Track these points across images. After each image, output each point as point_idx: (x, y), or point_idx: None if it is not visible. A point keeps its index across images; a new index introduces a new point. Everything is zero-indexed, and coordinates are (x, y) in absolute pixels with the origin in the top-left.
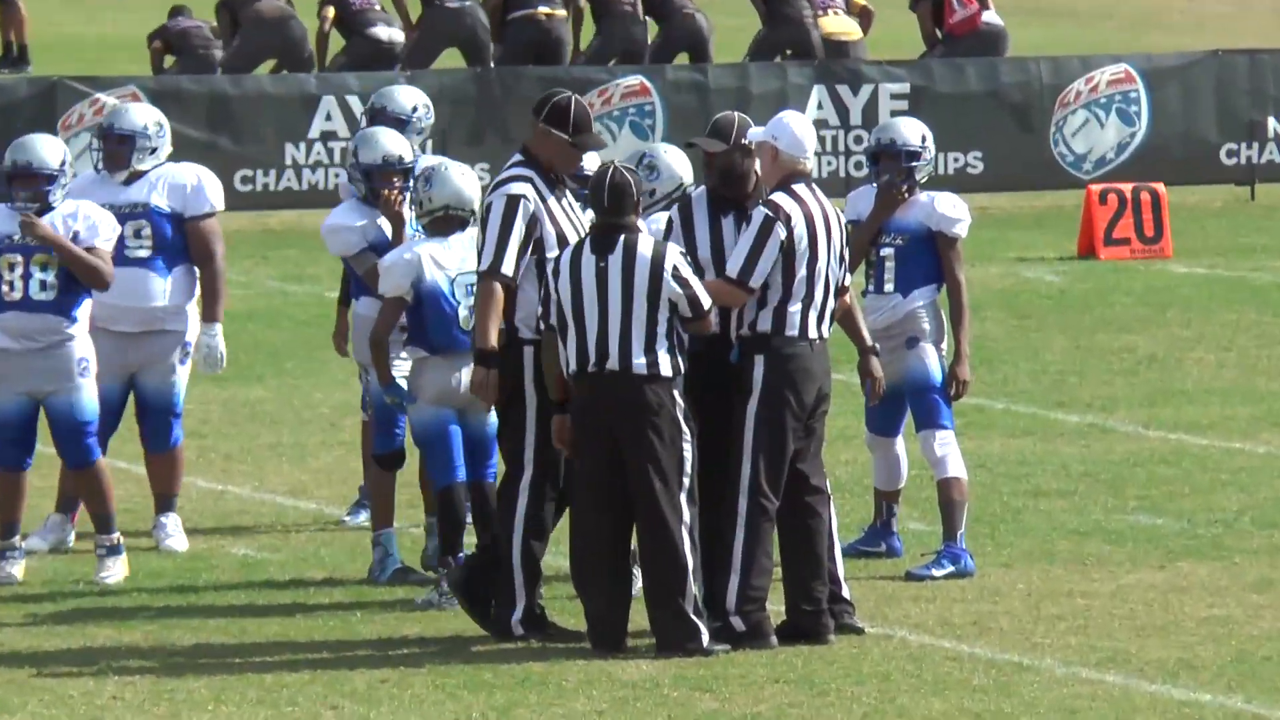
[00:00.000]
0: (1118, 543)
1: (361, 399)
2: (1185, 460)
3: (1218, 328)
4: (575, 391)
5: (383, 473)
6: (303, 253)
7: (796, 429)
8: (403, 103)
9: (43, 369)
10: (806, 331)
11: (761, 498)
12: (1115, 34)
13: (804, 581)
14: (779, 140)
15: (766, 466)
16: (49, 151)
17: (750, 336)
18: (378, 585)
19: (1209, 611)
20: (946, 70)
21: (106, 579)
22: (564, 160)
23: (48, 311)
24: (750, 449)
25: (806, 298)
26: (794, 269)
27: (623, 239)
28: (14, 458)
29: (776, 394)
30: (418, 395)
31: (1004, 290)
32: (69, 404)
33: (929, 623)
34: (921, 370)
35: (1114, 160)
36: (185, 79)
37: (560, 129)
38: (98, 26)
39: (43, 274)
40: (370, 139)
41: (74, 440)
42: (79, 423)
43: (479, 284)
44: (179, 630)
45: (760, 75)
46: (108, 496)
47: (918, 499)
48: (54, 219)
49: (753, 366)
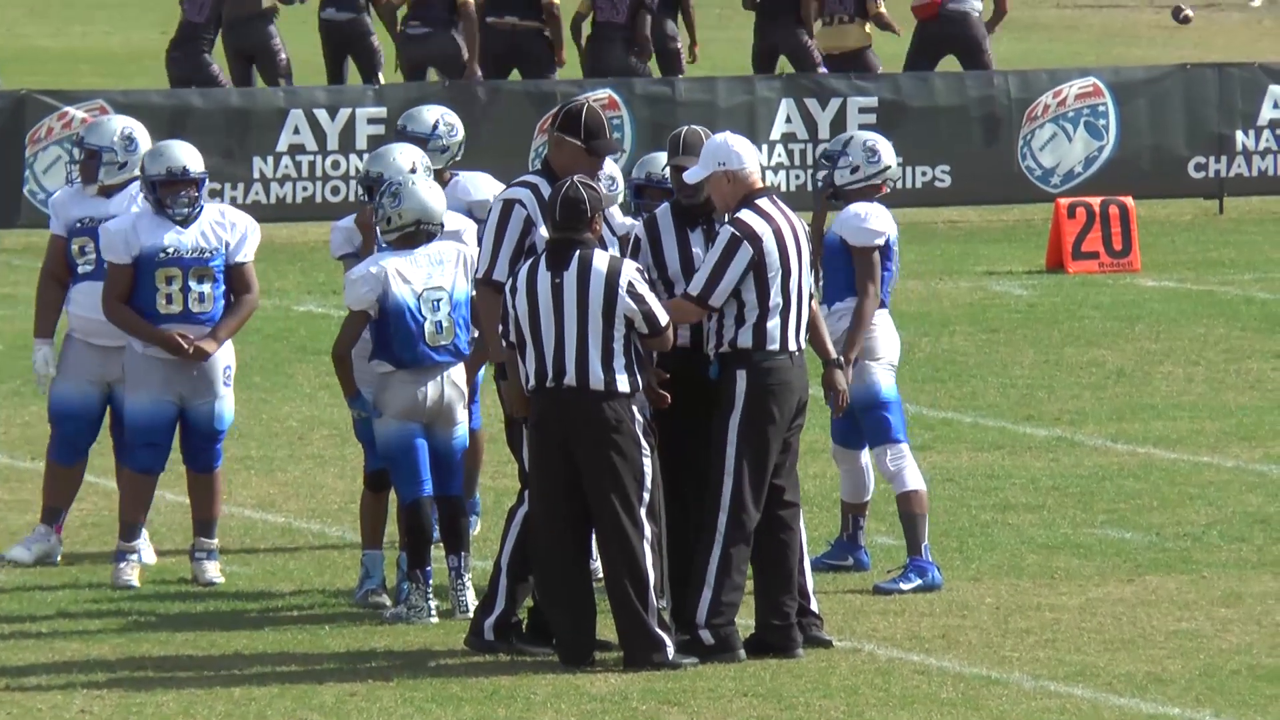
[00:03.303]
0: (1086, 556)
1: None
2: (1153, 474)
3: (1186, 342)
4: (534, 407)
5: (373, 493)
6: (270, 267)
7: (777, 443)
8: (424, 121)
9: (191, 378)
10: (787, 345)
11: (742, 513)
12: (1084, 47)
13: (774, 596)
14: (728, 164)
15: (748, 482)
16: (191, 155)
17: (731, 353)
18: (348, 599)
19: (1177, 625)
20: (914, 84)
21: (211, 579)
22: (579, 166)
23: (204, 324)
24: (732, 464)
25: (784, 311)
26: (768, 285)
27: (578, 255)
28: (151, 461)
29: (759, 408)
30: (383, 410)
31: (972, 304)
32: (210, 412)
33: (897, 636)
34: (863, 388)
35: (1082, 174)
36: (154, 93)
37: (573, 136)
38: (65, 40)
39: (200, 286)
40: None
41: (207, 447)
42: (216, 431)
43: (475, 292)
44: (147, 643)
45: (728, 89)
46: (216, 502)
47: (885, 513)
48: (203, 227)
49: (734, 382)
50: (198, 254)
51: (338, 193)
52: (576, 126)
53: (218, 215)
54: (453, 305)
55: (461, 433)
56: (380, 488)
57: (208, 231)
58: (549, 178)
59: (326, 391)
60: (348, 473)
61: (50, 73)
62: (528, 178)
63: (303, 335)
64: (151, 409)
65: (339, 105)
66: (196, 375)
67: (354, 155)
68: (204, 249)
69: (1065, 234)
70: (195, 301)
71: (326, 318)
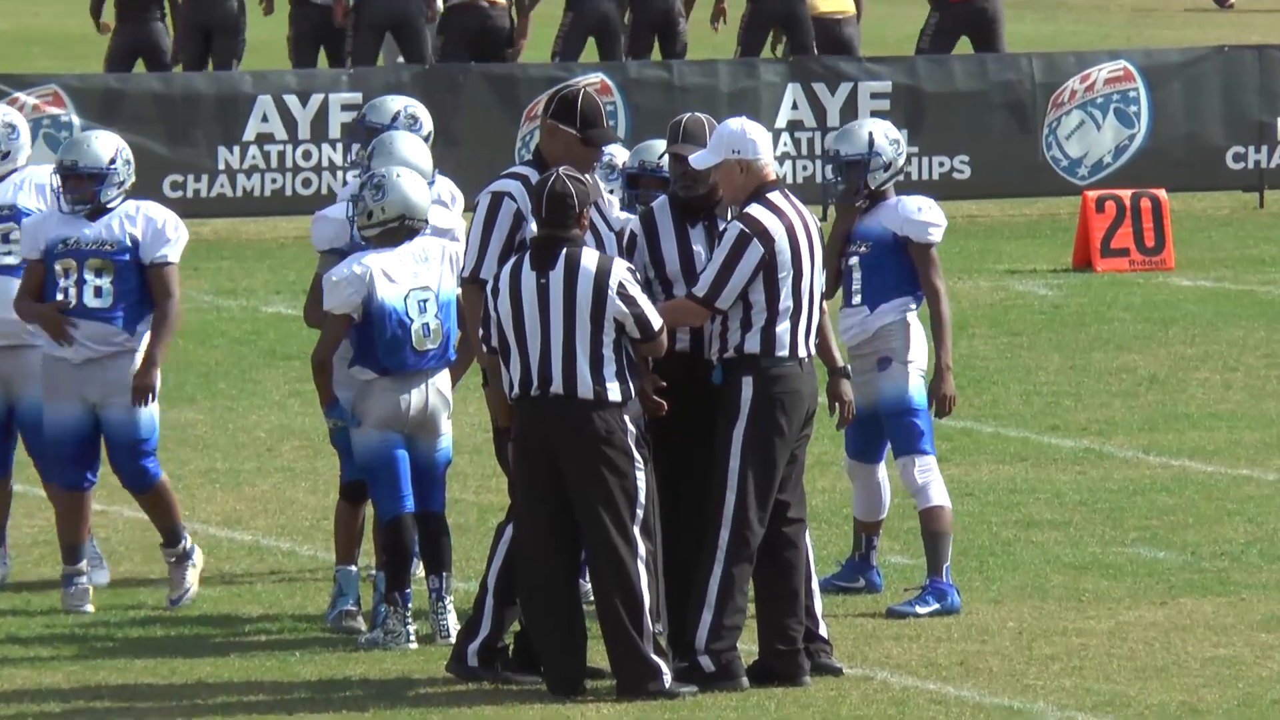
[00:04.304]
0: (1116, 577)
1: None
2: (1188, 488)
3: (1224, 346)
4: (517, 417)
5: (349, 505)
6: (237, 264)
7: (784, 455)
8: (385, 111)
9: (103, 382)
10: (796, 350)
11: (746, 530)
12: (1114, 28)
13: (779, 619)
14: (743, 153)
15: (753, 496)
16: (100, 148)
17: (736, 358)
18: (320, 624)
19: (1214, 651)
20: (931, 68)
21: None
22: (574, 157)
23: (103, 321)
24: (736, 477)
25: (794, 315)
26: (778, 286)
27: (564, 253)
28: (73, 476)
29: (766, 418)
30: (363, 419)
31: (993, 305)
32: (126, 420)
33: (912, 663)
34: (894, 393)
35: (1111, 165)
36: (111, 77)
37: (568, 124)
38: (16, 20)
39: (97, 280)
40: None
41: (130, 461)
42: (135, 441)
43: (461, 291)
44: (103, 670)
45: (730, 73)
46: (169, 514)
47: (899, 530)
48: (112, 220)
49: (739, 389)
50: (97, 245)
51: (309, 185)
52: (572, 113)
53: (132, 210)
54: (440, 306)
55: (445, 444)
56: (357, 499)
57: (115, 225)
58: (541, 168)
59: (297, 399)
60: (320, 487)
61: (2, 56)
62: (518, 169)
63: (272, 338)
64: (61, 418)
65: (310, 91)
66: (109, 378)
67: (326, 145)
68: (105, 241)
69: (1093, 229)
70: (92, 295)
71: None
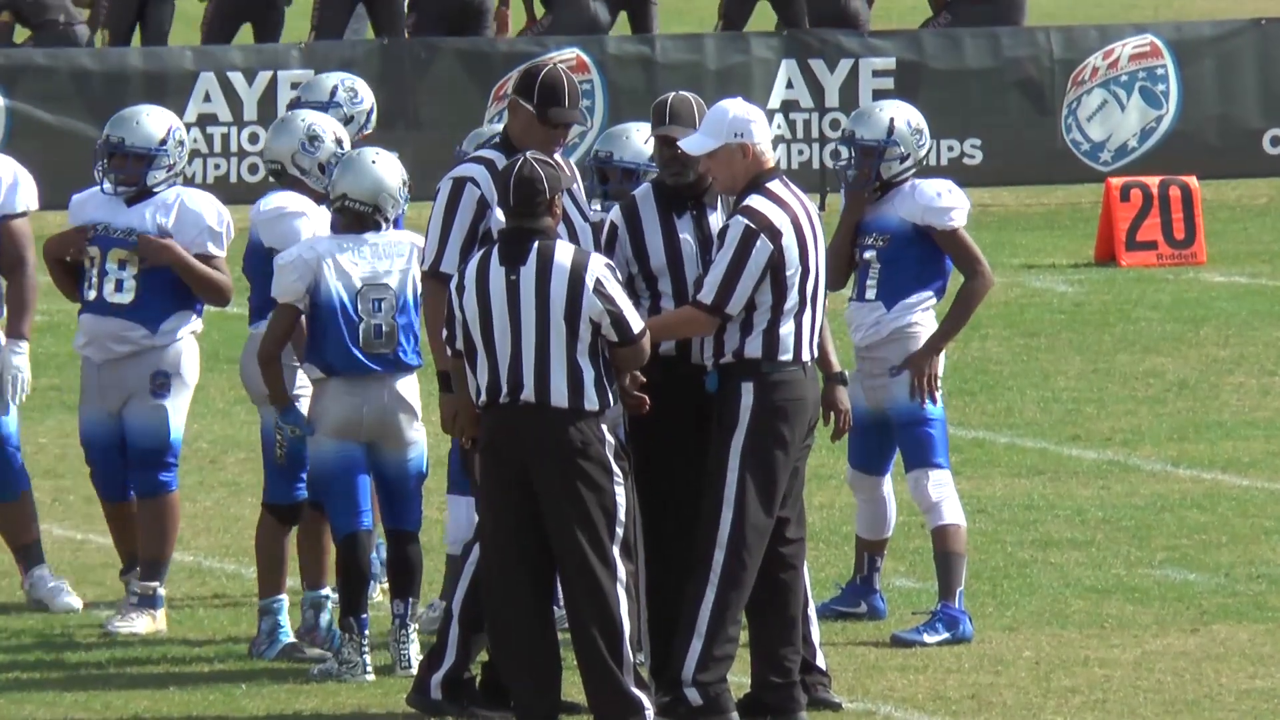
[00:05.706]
0: (1142, 602)
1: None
2: (1222, 504)
3: (1260, 348)
4: (485, 427)
5: (277, 526)
6: None
7: (786, 468)
8: (321, 88)
9: (125, 383)
10: (800, 354)
11: (743, 551)
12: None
13: (773, 648)
14: (746, 137)
15: (752, 514)
16: (152, 126)
17: (735, 363)
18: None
19: (1250, 683)
20: (940, 43)
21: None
22: (532, 138)
23: (121, 316)
24: (733, 493)
25: (799, 316)
26: (785, 286)
27: (536, 247)
28: (113, 488)
29: (768, 428)
30: (316, 425)
31: (1008, 303)
32: (141, 426)
33: (919, 697)
34: (908, 399)
35: (1137, 149)
36: (39, 53)
37: (527, 100)
38: None
39: (120, 272)
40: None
41: (144, 468)
42: (152, 448)
43: (423, 287)
44: (30, 704)
45: (719, 48)
46: (163, 539)
47: (904, 550)
48: (145, 209)
49: (738, 396)
50: (125, 235)
51: (256, 171)
52: (530, 89)
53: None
54: (399, 308)
55: (415, 455)
56: (285, 520)
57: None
58: (508, 151)
59: (242, 407)
60: None
61: None
62: (484, 152)
63: (215, 340)
64: (89, 425)
65: (257, 67)
66: (129, 383)
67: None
68: (133, 231)
69: (1117, 220)
70: (113, 289)
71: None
